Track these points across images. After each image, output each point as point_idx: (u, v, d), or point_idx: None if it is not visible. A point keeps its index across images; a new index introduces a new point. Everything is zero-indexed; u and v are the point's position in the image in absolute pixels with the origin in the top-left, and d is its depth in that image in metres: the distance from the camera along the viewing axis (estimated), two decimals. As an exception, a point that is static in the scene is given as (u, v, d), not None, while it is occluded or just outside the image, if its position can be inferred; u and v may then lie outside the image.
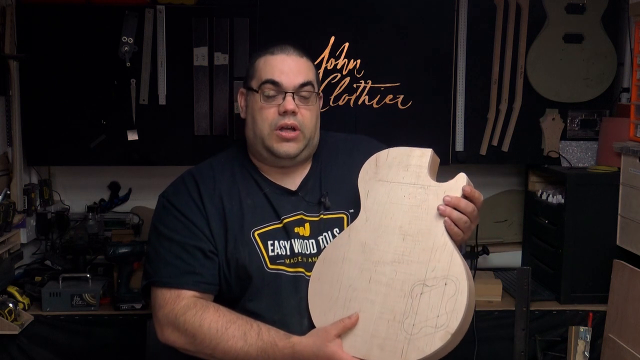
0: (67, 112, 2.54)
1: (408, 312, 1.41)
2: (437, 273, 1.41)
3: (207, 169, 1.70)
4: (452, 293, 1.37)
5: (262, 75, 1.63)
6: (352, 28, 2.58)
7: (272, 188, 1.66)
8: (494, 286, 2.56)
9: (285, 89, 1.61)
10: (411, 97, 2.61)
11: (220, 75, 2.56)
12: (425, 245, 1.45)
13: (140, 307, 2.37)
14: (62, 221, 2.69)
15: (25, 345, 2.29)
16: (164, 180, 2.77)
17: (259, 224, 1.61)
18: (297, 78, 1.62)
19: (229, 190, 1.64)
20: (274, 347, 1.46)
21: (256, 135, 1.65)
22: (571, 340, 2.31)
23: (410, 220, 1.48)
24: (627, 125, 2.46)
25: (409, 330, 1.39)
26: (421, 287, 1.41)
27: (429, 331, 1.37)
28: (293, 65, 1.63)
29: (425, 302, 1.40)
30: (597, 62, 2.65)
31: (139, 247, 2.38)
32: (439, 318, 1.37)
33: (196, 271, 1.57)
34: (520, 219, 2.93)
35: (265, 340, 1.47)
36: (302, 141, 1.63)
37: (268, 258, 1.59)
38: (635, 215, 2.34)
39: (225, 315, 1.53)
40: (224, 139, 2.57)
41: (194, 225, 1.60)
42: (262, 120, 1.62)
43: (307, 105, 1.64)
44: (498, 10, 2.63)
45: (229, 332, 1.49)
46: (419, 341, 1.37)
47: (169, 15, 2.53)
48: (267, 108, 1.62)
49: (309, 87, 1.64)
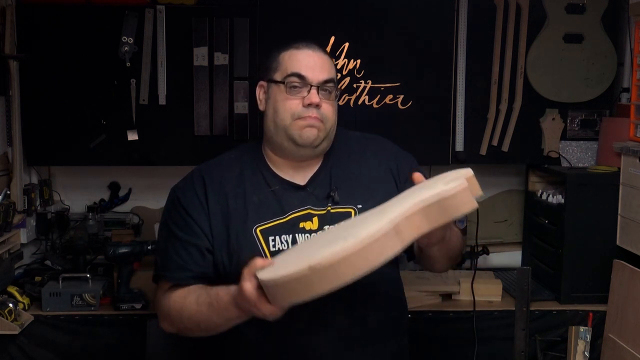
0: (67, 112, 2.55)
1: (310, 251, 1.34)
2: (356, 230, 1.32)
3: (216, 167, 1.73)
4: (346, 242, 1.25)
5: (287, 68, 1.66)
6: (352, 28, 2.58)
7: (280, 184, 1.69)
8: (494, 286, 2.56)
9: (310, 82, 1.64)
10: (411, 97, 2.61)
11: (220, 75, 2.56)
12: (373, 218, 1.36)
13: (140, 307, 2.37)
14: (62, 221, 2.69)
15: (25, 345, 2.29)
16: (164, 180, 2.79)
17: (263, 220, 1.64)
18: (322, 74, 1.66)
19: (235, 188, 1.68)
20: (217, 298, 1.49)
21: (277, 125, 1.67)
22: (571, 340, 2.30)
23: (385, 206, 1.42)
24: (627, 125, 2.45)
25: (295, 261, 1.29)
26: (339, 239, 1.31)
27: (301, 261, 1.26)
28: (318, 61, 1.67)
29: (327, 245, 1.29)
30: (597, 62, 2.65)
31: (139, 247, 2.38)
32: (317, 253, 1.26)
33: (188, 267, 1.63)
34: (520, 219, 2.93)
35: (211, 295, 1.51)
36: (323, 132, 1.66)
37: (269, 254, 1.61)
38: (635, 215, 2.34)
39: (188, 289, 1.60)
40: (224, 139, 2.57)
41: (195, 223, 1.65)
42: (285, 111, 1.65)
43: (328, 100, 1.68)
44: (498, 10, 2.63)
45: (187, 300, 1.57)
46: (290, 267, 1.27)
47: (169, 15, 2.53)
48: (291, 99, 1.65)
49: (332, 84, 1.68)
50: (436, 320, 2.47)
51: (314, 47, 1.70)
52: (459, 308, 2.50)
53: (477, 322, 2.45)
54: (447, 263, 1.71)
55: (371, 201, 1.60)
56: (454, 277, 2.63)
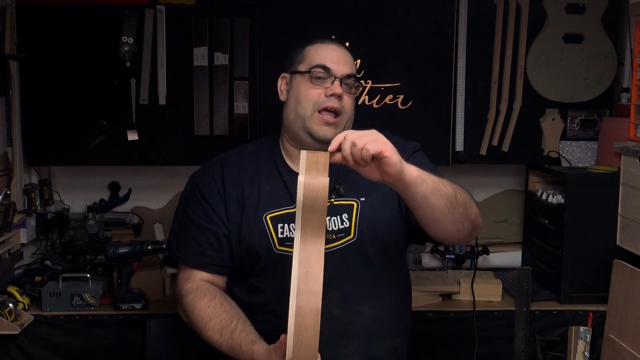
0: (67, 112, 2.54)
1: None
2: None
3: (235, 156, 1.82)
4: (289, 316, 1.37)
5: (313, 59, 1.74)
6: (352, 28, 2.58)
7: (292, 175, 1.74)
8: (494, 286, 2.56)
9: (335, 74, 1.71)
10: (411, 97, 2.61)
11: (220, 75, 2.56)
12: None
13: (140, 307, 2.37)
14: (62, 221, 2.69)
15: (25, 345, 2.29)
16: (164, 180, 2.82)
17: (273, 208, 1.72)
18: (346, 68, 1.74)
19: (250, 176, 1.76)
20: (239, 349, 1.58)
21: (297, 115, 1.73)
22: (571, 340, 2.31)
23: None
24: (627, 125, 2.45)
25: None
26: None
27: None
28: (343, 56, 1.76)
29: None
30: (597, 62, 2.65)
31: (139, 247, 2.38)
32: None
33: (207, 253, 1.73)
34: (520, 219, 2.93)
35: (234, 340, 1.59)
36: (340, 127, 1.72)
37: (277, 240, 1.69)
38: (635, 215, 2.34)
39: (214, 307, 1.65)
40: (224, 139, 2.57)
41: (211, 209, 1.73)
42: (307, 100, 1.71)
43: (349, 94, 1.74)
44: (498, 10, 2.63)
45: (210, 324, 1.64)
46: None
47: (169, 15, 2.53)
48: (314, 89, 1.71)
49: (353, 79, 1.75)
50: (436, 320, 2.47)
51: (339, 44, 1.80)
52: (459, 308, 2.50)
53: (477, 322, 2.45)
54: (448, 207, 1.54)
55: (373, 194, 1.72)
56: (454, 277, 2.63)
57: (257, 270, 1.71)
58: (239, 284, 1.76)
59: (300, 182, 1.38)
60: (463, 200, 1.58)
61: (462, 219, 1.58)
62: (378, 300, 1.71)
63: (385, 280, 1.74)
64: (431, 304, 2.52)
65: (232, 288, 1.78)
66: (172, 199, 2.80)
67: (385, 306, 1.72)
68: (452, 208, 1.55)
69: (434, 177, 1.54)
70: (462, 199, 1.58)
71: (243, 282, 1.75)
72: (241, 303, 1.69)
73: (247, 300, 1.72)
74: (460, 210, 1.56)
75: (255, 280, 1.72)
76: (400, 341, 1.77)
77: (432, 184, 1.50)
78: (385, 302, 1.72)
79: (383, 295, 1.72)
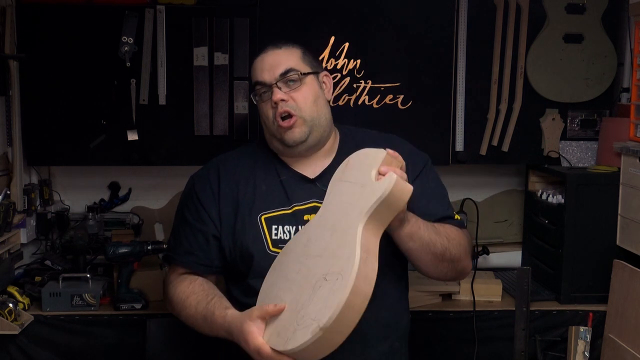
0: (67, 112, 2.54)
1: (305, 304, 1.42)
2: (335, 268, 1.42)
3: (234, 156, 1.84)
4: (337, 289, 1.37)
5: (253, 78, 1.76)
6: (352, 28, 2.58)
7: (290, 175, 1.75)
8: (494, 286, 2.56)
9: (269, 83, 1.71)
10: (411, 97, 2.61)
11: (220, 75, 2.56)
12: (340, 241, 1.46)
13: (140, 307, 2.37)
14: (62, 221, 2.69)
15: (25, 345, 2.29)
16: (164, 180, 2.82)
17: (268, 208, 1.72)
18: (276, 70, 1.71)
19: (247, 177, 1.76)
20: (212, 316, 1.61)
21: (267, 128, 1.76)
22: (571, 340, 2.31)
23: (341, 217, 1.50)
24: (627, 125, 2.45)
25: (298, 321, 1.40)
26: (322, 280, 1.42)
27: (307, 323, 1.37)
28: (271, 60, 1.73)
29: (318, 296, 1.40)
30: (597, 62, 2.65)
31: (139, 247, 2.38)
32: (319, 312, 1.37)
33: (195, 252, 1.74)
34: (520, 219, 2.93)
35: (208, 309, 1.62)
36: (304, 124, 1.71)
37: (271, 241, 1.69)
38: (635, 215, 2.34)
39: (193, 287, 1.70)
40: (224, 139, 2.57)
41: (203, 209, 1.74)
42: (266, 118, 1.74)
43: (297, 89, 1.71)
44: (498, 10, 2.63)
45: (188, 301, 1.68)
46: (300, 332, 1.38)
47: (169, 15, 2.53)
48: (264, 104, 1.74)
49: (292, 73, 1.71)
50: (436, 320, 2.47)
51: (268, 48, 1.76)
52: (459, 308, 2.50)
53: (477, 322, 2.45)
54: (433, 262, 1.64)
55: None
56: (454, 277, 2.63)
57: (252, 271, 1.71)
58: (236, 285, 1.76)
59: (393, 178, 1.42)
60: (451, 258, 1.65)
61: (445, 271, 1.69)
62: (374, 303, 1.69)
63: (382, 283, 1.72)
64: (431, 304, 2.52)
65: (230, 289, 1.78)
66: (172, 199, 2.80)
67: (382, 309, 1.69)
68: (437, 262, 1.65)
69: (432, 232, 1.61)
70: (450, 256, 1.65)
71: (239, 283, 1.74)
72: (238, 304, 1.68)
73: (244, 301, 1.71)
74: (446, 265, 1.66)
75: (251, 282, 1.71)
76: (399, 344, 1.75)
77: (426, 241, 1.59)
78: (381, 304, 1.70)
79: (380, 298, 1.71)
